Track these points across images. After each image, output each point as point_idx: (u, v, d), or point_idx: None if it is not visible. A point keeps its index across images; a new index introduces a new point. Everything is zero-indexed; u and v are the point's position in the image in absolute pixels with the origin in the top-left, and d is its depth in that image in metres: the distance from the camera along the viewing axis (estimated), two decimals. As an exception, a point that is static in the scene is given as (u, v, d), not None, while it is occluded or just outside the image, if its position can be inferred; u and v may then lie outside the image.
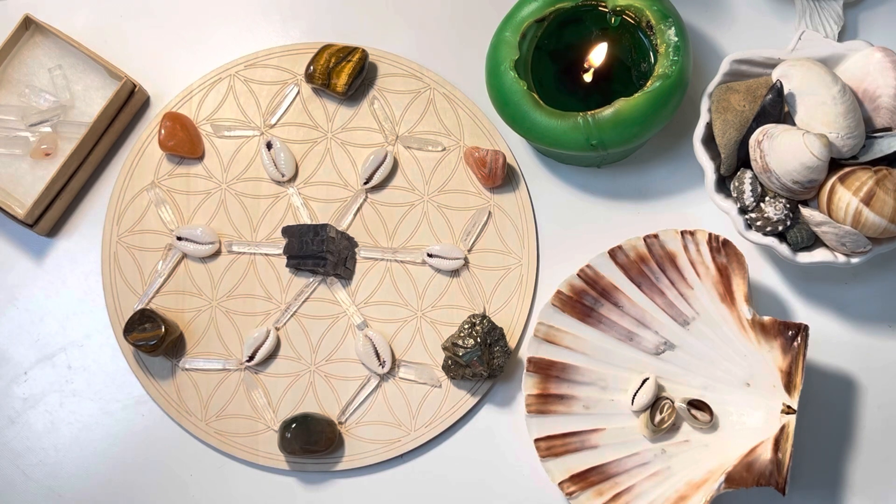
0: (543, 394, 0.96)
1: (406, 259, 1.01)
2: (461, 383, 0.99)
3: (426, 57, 1.04)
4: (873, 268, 1.00)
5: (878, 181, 0.90)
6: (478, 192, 1.02)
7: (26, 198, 1.01)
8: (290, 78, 1.04)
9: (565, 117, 0.95)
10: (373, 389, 0.99)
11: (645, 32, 0.97)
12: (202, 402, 1.00)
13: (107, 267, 1.02)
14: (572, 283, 0.96)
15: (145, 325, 0.98)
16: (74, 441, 1.00)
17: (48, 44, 1.03)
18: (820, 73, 0.92)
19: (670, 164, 1.02)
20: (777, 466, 0.89)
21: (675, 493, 0.93)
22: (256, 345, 1.00)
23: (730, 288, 0.93)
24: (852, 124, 0.92)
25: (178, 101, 1.04)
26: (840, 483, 0.97)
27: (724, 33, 1.04)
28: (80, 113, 1.02)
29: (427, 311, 1.00)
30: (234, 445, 0.99)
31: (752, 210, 0.94)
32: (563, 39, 0.99)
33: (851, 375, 0.99)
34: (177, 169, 1.03)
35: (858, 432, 0.98)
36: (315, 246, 1.00)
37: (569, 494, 0.94)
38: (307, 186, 1.02)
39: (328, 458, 0.98)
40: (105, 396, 1.01)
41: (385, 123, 1.03)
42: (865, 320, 0.99)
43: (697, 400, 0.96)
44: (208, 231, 1.01)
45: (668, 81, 0.95)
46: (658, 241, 0.95)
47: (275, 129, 1.03)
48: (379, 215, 1.02)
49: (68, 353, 1.01)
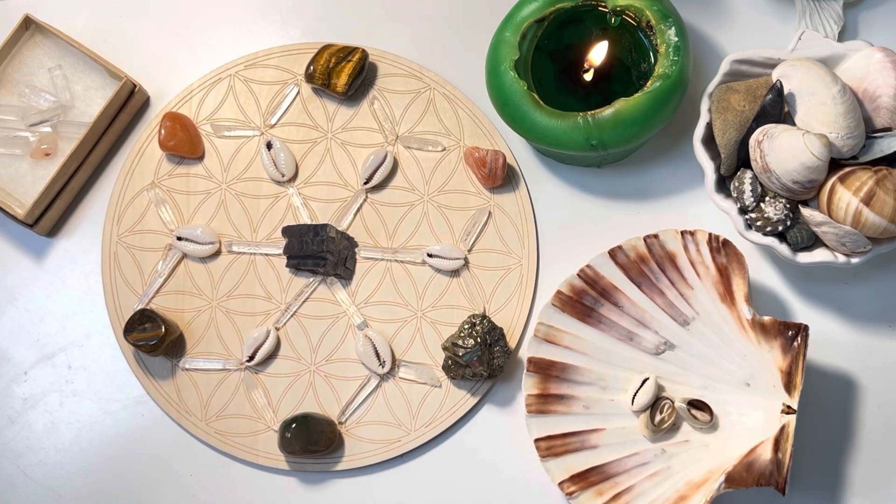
0: (543, 394, 0.96)
1: (406, 259, 1.01)
2: (461, 383, 0.99)
3: (426, 57, 1.04)
4: (873, 268, 1.00)
5: (878, 181, 0.90)
6: (478, 192, 1.01)
7: (26, 198, 1.01)
8: (290, 78, 1.04)
9: (565, 117, 0.95)
10: (373, 389, 0.99)
11: (645, 32, 0.97)
12: (202, 402, 1.00)
13: (107, 267, 1.02)
14: (572, 283, 0.96)
15: (145, 325, 0.98)
16: (74, 441, 1.00)
17: (48, 44, 1.03)
18: (820, 73, 0.92)
19: (670, 164, 1.02)
20: (777, 466, 0.89)
21: (675, 493, 0.93)
22: (256, 345, 1.00)
23: (730, 288, 0.93)
24: (852, 124, 0.92)
25: (178, 101, 1.04)
26: (840, 483, 0.97)
27: (724, 33, 1.04)
28: (80, 113, 1.02)
29: (427, 311, 1.00)
30: (234, 445, 0.99)
31: (752, 210, 0.94)
32: (563, 39, 0.99)
33: (851, 375, 0.99)
34: (177, 169, 1.03)
35: (858, 432, 0.98)
36: (315, 246, 1.00)
37: (569, 494, 0.94)
38: (307, 186, 1.02)
39: (328, 458, 0.98)
40: (105, 396, 1.01)
41: (385, 123, 1.03)
42: (865, 320, 0.99)
43: (697, 400, 0.96)
44: (208, 231, 1.01)
45: (668, 81, 0.95)
46: (658, 241, 0.95)
47: (275, 129, 1.03)
48: (379, 215, 1.02)
49: (68, 353, 1.01)
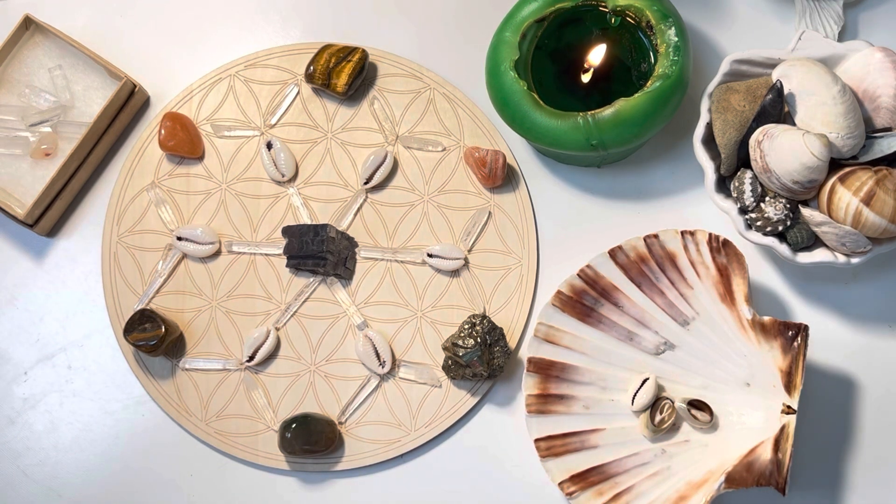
0: (543, 394, 0.96)
1: (406, 259, 1.01)
2: (461, 383, 0.99)
3: (426, 57, 1.04)
4: (873, 268, 1.00)
5: (878, 181, 0.90)
6: (478, 192, 1.01)
7: (26, 198, 1.01)
8: (290, 78, 1.04)
9: (565, 117, 0.95)
10: (373, 389, 0.99)
11: (645, 32, 0.97)
12: (202, 402, 1.00)
13: (107, 267, 1.02)
14: (572, 283, 0.96)
15: (145, 325, 0.98)
16: (74, 441, 1.00)
17: (48, 44, 1.03)
18: (820, 73, 0.92)
19: (670, 164, 1.02)
20: (777, 466, 0.89)
21: (675, 493, 0.93)
22: (256, 345, 1.00)
23: (730, 288, 0.93)
24: (852, 124, 0.92)
25: (178, 101, 1.04)
26: (840, 483, 0.97)
27: (724, 33, 1.04)
28: (80, 113, 1.02)
29: (427, 311, 1.00)
30: (234, 445, 0.99)
31: (752, 210, 0.94)
32: (563, 39, 0.99)
33: (851, 375, 0.99)
34: (177, 169, 1.03)
35: (858, 432, 0.98)
36: (315, 246, 1.00)
37: (569, 494, 0.94)
38: (307, 186, 1.02)
39: (328, 458, 0.98)
40: (105, 396, 1.01)
41: (385, 123, 1.03)
42: (865, 320, 0.99)
43: (697, 400, 0.96)
44: (208, 231, 1.01)
45: (668, 81, 0.95)
46: (658, 241, 0.95)
47: (275, 129, 1.03)
48: (379, 215, 1.02)
49: (68, 353, 1.01)
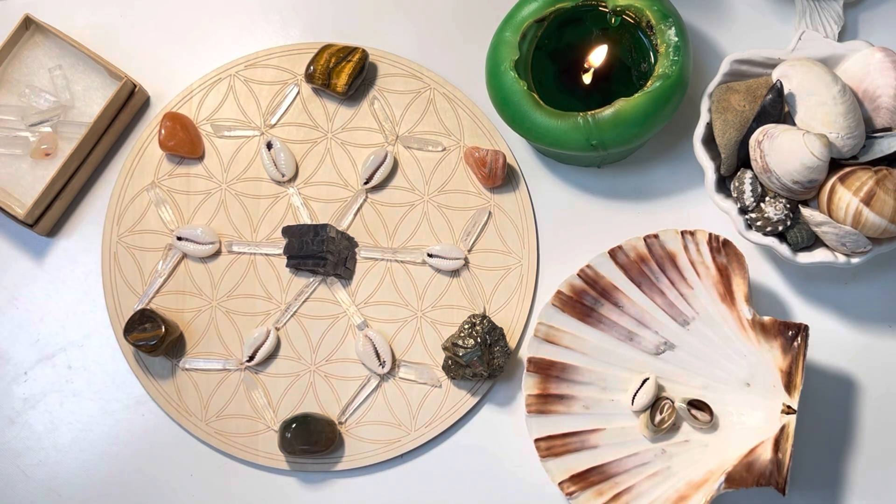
0: (543, 394, 0.96)
1: (406, 259, 1.01)
2: (461, 383, 0.99)
3: (426, 57, 1.04)
4: (873, 268, 1.00)
5: (878, 181, 0.90)
6: (478, 192, 1.01)
7: (26, 198, 1.01)
8: (290, 78, 1.04)
9: (565, 117, 0.95)
10: (373, 389, 0.99)
11: (645, 32, 0.97)
12: (202, 402, 1.00)
13: (107, 267, 1.02)
14: (572, 283, 0.96)
15: (145, 325, 0.98)
16: (74, 441, 1.00)
17: (48, 44, 1.03)
18: (820, 73, 0.92)
19: (670, 164, 1.02)
20: (777, 466, 0.89)
21: (676, 493, 0.93)
22: (256, 345, 1.00)
23: (730, 288, 0.93)
24: (852, 124, 0.92)
25: (178, 101, 1.04)
26: (840, 483, 0.97)
27: (724, 33, 1.04)
28: (80, 113, 1.02)
29: (427, 311, 1.00)
30: (234, 445, 0.99)
31: (752, 210, 0.94)
32: (563, 39, 0.99)
33: (851, 375, 0.99)
34: (177, 169, 1.03)
35: (858, 432, 0.98)
36: (315, 246, 1.00)
37: (569, 494, 0.94)
38: (307, 186, 1.02)
39: (328, 458, 0.98)
40: (105, 396, 1.01)
41: (385, 123, 1.03)
42: (865, 320, 0.99)
43: (697, 400, 0.96)
44: (208, 231, 1.01)
45: (668, 81, 0.95)
46: (658, 241, 0.95)
47: (275, 129, 1.03)
48: (379, 215, 1.02)
49: (68, 353, 1.01)
